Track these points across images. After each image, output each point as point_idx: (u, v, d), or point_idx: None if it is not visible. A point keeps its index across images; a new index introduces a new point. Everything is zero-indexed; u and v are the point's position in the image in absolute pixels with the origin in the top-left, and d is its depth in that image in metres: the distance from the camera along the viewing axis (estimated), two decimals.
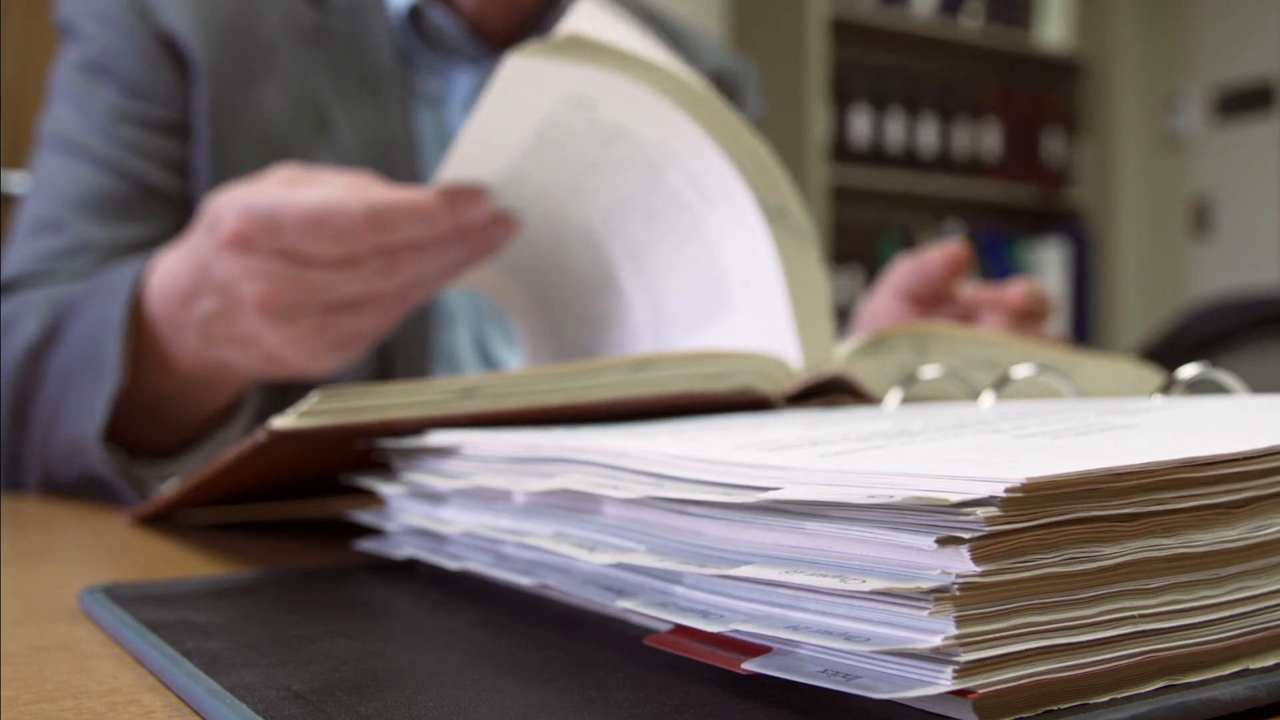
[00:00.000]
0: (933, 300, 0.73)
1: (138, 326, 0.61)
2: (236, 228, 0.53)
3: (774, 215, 0.48)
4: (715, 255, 0.53)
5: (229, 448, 0.62)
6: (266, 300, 0.53)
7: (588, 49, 0.48)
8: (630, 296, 0.59)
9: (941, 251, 0.71)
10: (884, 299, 0.76)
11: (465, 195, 0.55)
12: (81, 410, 0.61)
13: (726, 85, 0.98)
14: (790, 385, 0.47)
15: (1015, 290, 0.70)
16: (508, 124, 0.53)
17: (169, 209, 0.77)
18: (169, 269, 0.60)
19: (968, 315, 0.72)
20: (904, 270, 0.74)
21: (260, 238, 0.53)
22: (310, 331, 0.55)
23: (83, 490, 0.64)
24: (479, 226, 0.56)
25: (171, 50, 0.77)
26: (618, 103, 0.50)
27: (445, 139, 0.84)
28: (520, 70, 0.49)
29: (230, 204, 0.54)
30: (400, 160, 0.80)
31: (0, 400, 0.67)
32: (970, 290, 0.73)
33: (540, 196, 0.57)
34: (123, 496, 0.61)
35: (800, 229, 0.49)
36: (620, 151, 0.53)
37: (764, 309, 0.50)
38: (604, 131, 0.52)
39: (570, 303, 0.63)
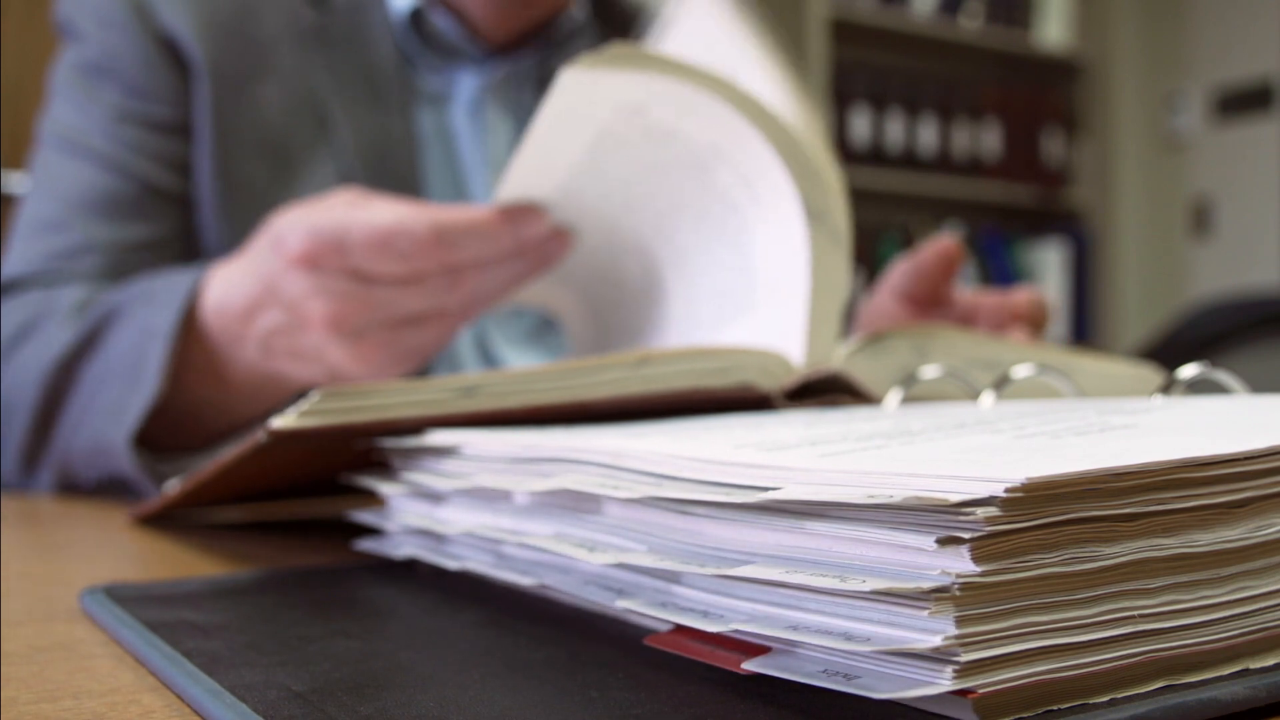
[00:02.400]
0: (930, 299, 0.73)
1: (189, 336, 0.62)
2: (305, 247, 0.54)
3: (814, 216, 0.49)
4: (752, 257, 0.53)
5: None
6: (335, 318, 0.55)
7: (637, 58, 0.49)
8: (672, 303, 0.59)
9: (933, 249, 0.71)
10: (882, 300, 0.76)
11: (524, 212, 0.56)
12: (112, 413, 0.61)
13: None
14: (789, 381, 0.47)
15: (1021, 295, 0.70)
16: (563, 138, 0.54)
17: (172, 209, 0.77)
18: (228, 282, 0.61)
19: (967, 318, 0.72)
20: (900, 271, 0.74)
21: (328, 257, 0.54)
22: (376, 347, 0.56)
23: (103, 488, 0.65)
24: (537, 242, 0.57)
25: (171, 50, 0.77)
26: (668, 105, 0.51)
27: (446, 138, 0.84)
28: (574, 83, 0.50)
29: (296, 224, 0.55)
30: (400, 160, 0.80)
31: (1, 403, 0.67)
32: (970, 294, 0.73)
33: (595, 208, 0.58)
34: (146, 494, 0.61)
35: (836, 231, 0.49)
36: (672, 154, 0.54)
37: (785, 309, 0.50)
38: (656, 135, 0.53)
39: (620, 312, 0.64)
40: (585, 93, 0.51)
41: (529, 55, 0.87)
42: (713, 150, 0.52)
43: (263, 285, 0.58)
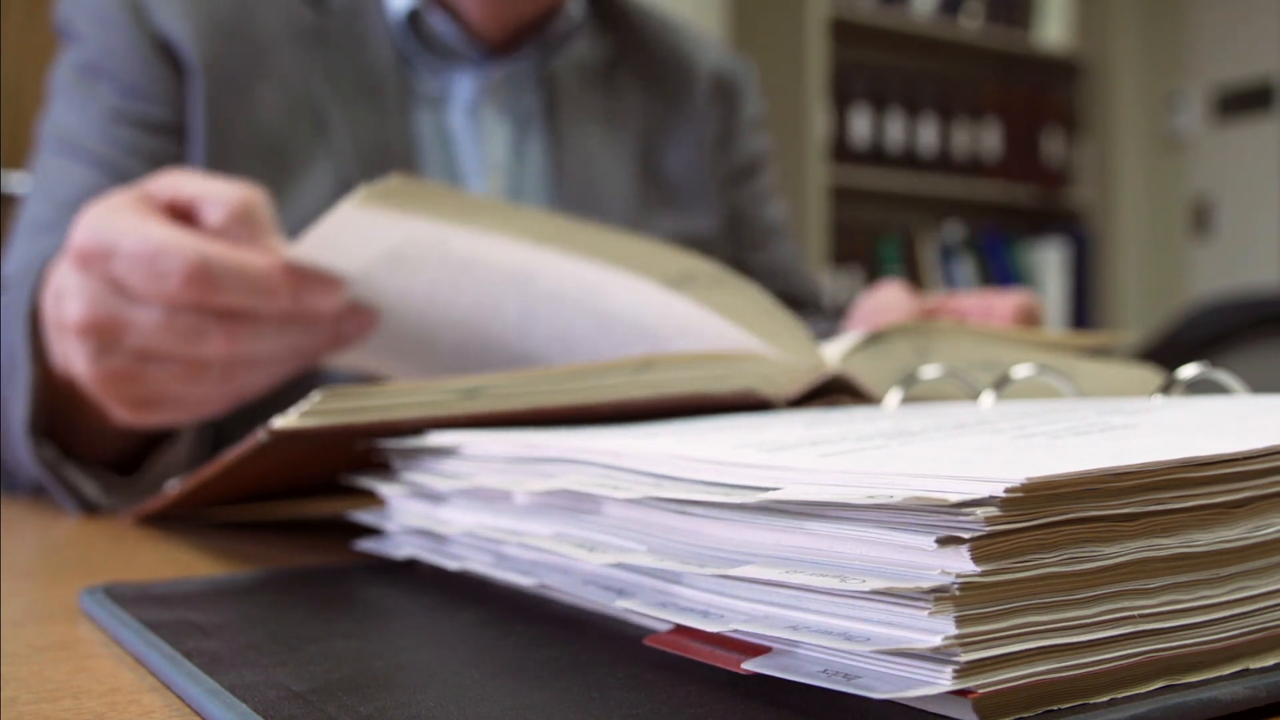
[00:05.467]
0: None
1: (36, 317, 0.58)
2: (80, 244, 0.51)
3: (678, 284, 0.45)
4: (627, 319, 0.49)
5: (173, 474, 0.60)
6: (84, 324, 0.51)
7: (422, 199, 0.43)
8: (525, 335, 0.54)
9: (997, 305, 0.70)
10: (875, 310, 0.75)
11: (316, 280, 0.50)
12: (13, 405, 0.59)
13: (726, 86, 0.98)
14: (793, 389, 0.47)
15: (1006, 304, 0.70)
16: (355, 245, 0.48)
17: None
18: (58, 263, 0.57)
19: None
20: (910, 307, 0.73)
21: (95, 259, 0.51)
22: (117, 375, 0.52)
23: (39, 491, 0.63)
24: (327, 314, 0.52)
25: (168, 51, 0.77)
26: (467, 239, 0.46)
27: (444, 140, 0.84)
28: (356, 217, 0.44)
29: (88, 217, 0.52)
30: (398, 162, 0.80)
31: None
32: (956, 301, 0.73)
33: (401, 297, 0.53)
34: (57, 497, 0.59)
35: (714, 277, 0.46)
36: (478, 274, 0.49)
37: (713, 339, 0.48)
38: (456, 261, 0.48)
39: (450, 368, 0.59)
40: (372, 223, 0.45)
41: (526, 57, 0.87)
42: (525, 267, 0.47)
43: (58, 275, 0.54)
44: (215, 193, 0.52)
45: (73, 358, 0.53)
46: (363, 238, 0.44)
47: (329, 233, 0.45)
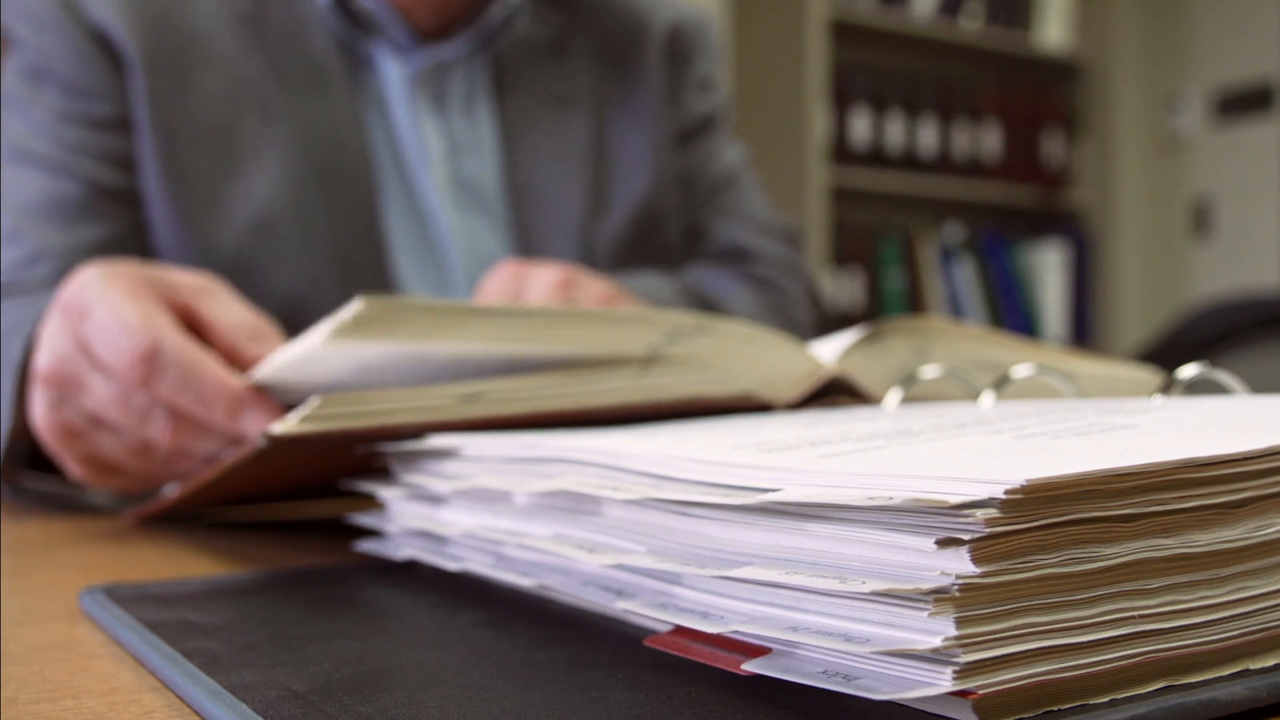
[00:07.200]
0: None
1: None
2: (65, 297, 0.53)
3: (662, 348, 0.44)
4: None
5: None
6: (47, 373, 0.53)
7: (394, 321, 0.41)
8: None
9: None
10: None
11: (264, 408, 0.48)
12: None
13: (678, 44, 0.94)
14: (793, 394, 0.46)
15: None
16: (327, 367, 0.46)
17: (121, 207, 0.76)
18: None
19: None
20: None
21: (72, 316, 0.52)
22: (70, 430, 0.53)
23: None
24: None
25: (104, 44, 0.77)
26: (445, 347, 0.44)
27: (388, 129, 0.83)
28: (327, 349, 0.42)
29: (85, 274, 0.53)
30: (349, 149, 0.79)
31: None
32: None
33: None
34: (54, 508, 0.60)
35: (699, 327, 0.45)
36: (458, 370, 0.46)
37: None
38: (434, 363, 0.45)
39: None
40: (342, 352, 0.42)
41: (463, 44, 0.84)
42: (502, 356, 0.45)
43: (48, 321, 0.55)
44: (223, 324, 0.53)
45: (33, 402, 0.54)
46: (335, 361, 0.43)
47: (299, 358, 0.44)
